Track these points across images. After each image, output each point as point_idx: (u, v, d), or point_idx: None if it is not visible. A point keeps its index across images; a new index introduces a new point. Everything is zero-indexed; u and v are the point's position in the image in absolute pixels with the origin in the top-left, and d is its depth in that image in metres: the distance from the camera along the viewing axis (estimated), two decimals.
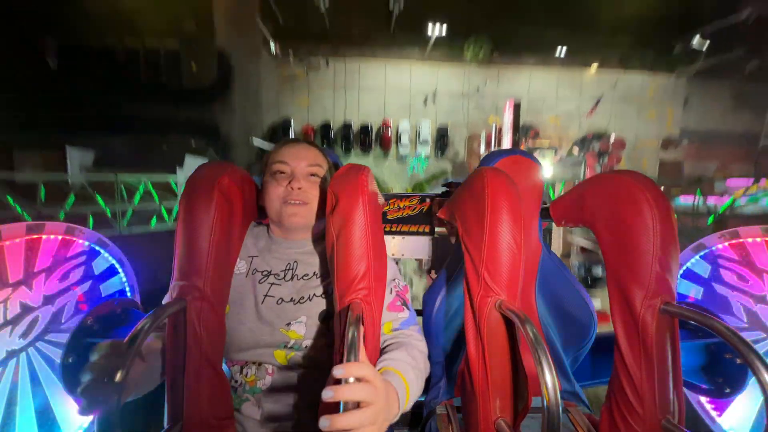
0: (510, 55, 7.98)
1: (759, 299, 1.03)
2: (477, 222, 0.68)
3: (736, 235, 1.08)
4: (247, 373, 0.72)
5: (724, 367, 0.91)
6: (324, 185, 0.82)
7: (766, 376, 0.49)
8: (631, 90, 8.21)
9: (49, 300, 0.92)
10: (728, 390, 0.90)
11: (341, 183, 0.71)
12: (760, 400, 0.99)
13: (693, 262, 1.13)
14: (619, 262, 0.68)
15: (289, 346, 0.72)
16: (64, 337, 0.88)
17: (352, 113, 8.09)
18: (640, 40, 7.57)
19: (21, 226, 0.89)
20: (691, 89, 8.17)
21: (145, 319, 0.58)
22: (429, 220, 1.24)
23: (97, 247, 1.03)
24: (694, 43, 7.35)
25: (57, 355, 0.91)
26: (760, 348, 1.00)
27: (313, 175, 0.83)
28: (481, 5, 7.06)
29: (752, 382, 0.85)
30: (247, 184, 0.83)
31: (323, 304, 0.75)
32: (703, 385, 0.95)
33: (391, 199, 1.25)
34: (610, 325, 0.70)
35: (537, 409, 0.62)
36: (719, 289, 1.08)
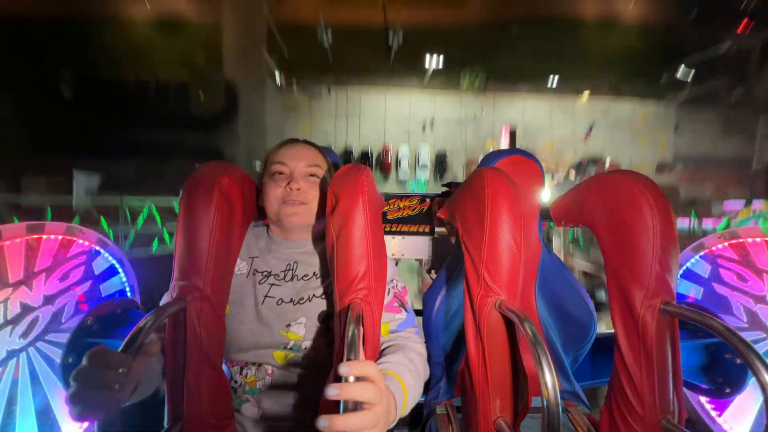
0: (505, 84, 8.24)
1: (759, 299, 1.03)
2: (477, 222, 0.68)
3: (736, 235, 1.08)
4: (246, 374, 0.72)
5: (724, 367, 0.91)
6: (323, 185, 0.82)
7: (766, 376, 0.49)
8: (623, 116, 8.44)
9: (49, 300, 0.92)
10: (728, 390, 0.90)
11: (341, 183, 0.71)
12: (760, 400, 0.98)
13: (693, 262, 1.13)
14: (619, 262, 0.68)
15: (289, 347, 0.72)
16: (64, 337, 0.88)
17: (353, 139, 8.31)
18: (628, 70, 7.85)
19: (21, 226, 0.89)
20: (680, 116, 8.34)
21: (145, 319, 0.58)
22: (429, 220, 1.24)
23: (97, 247, 1.03)
24: (679, 74, 7.65)
25: (57, 355, 0.91)
26: (760, 348, 1.00)
27: (312, 175, 0.82)
28: (476, 38, 7.39)
29: (752, 382, 0.85)
30: (247, 185, 0.83)
31: (323, 305, 0.75)
32: (703, 385, 0.95)
33: (391, 199, 1.25)
34: (610, 325, 0.70)
35: (537, 409, 0.61)
36: (719, 289, 1.08)
